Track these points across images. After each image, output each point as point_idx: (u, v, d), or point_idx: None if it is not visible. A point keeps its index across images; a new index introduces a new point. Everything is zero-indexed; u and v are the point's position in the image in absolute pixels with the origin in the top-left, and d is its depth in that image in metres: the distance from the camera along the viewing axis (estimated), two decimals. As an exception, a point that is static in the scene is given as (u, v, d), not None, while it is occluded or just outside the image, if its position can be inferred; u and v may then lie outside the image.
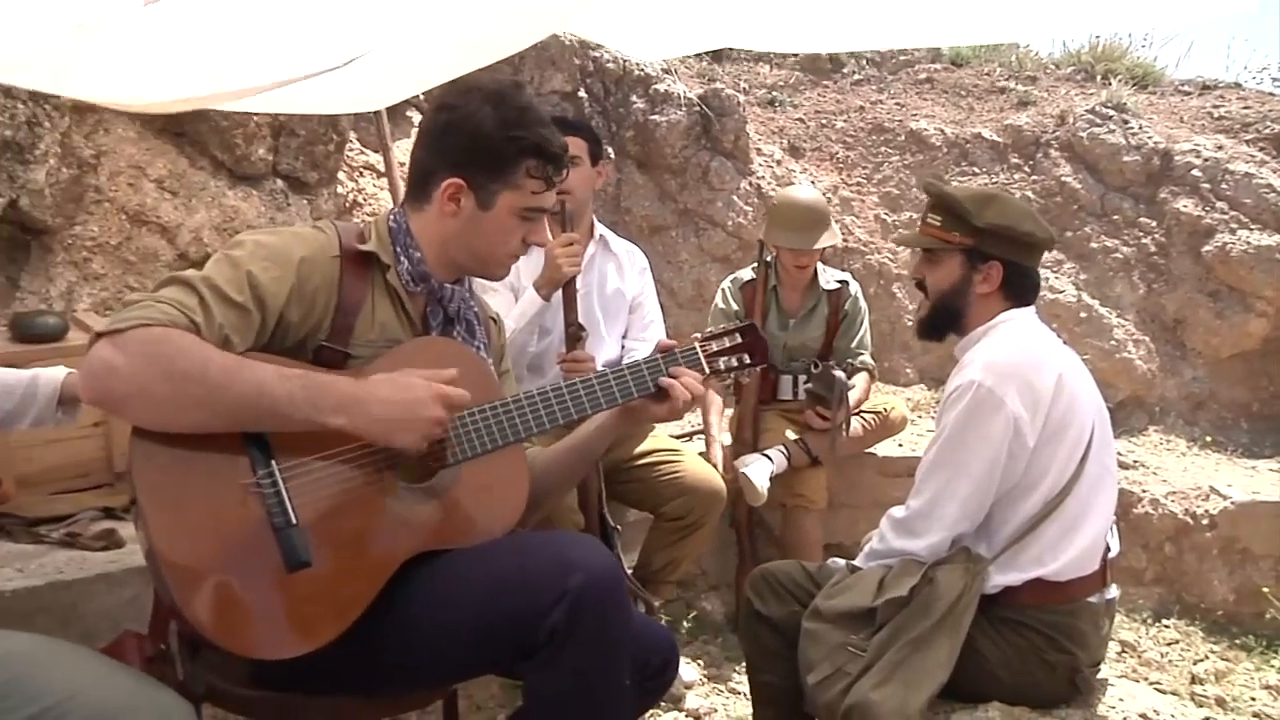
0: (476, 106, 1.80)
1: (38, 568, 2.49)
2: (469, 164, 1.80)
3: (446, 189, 1.81)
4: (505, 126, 1.79)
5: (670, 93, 5.09)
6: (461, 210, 1.82)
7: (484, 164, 1.80)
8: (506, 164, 1.80)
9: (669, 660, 1.94)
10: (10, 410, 1.92)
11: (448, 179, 1.81)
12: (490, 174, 1.80)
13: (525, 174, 1.81)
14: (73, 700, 1.41)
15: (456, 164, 1.81)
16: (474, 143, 1.79)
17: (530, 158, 1.81)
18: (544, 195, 1.85)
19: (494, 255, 1.88)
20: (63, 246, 3.65)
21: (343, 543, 1.65)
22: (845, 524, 3.86)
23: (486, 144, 1.79)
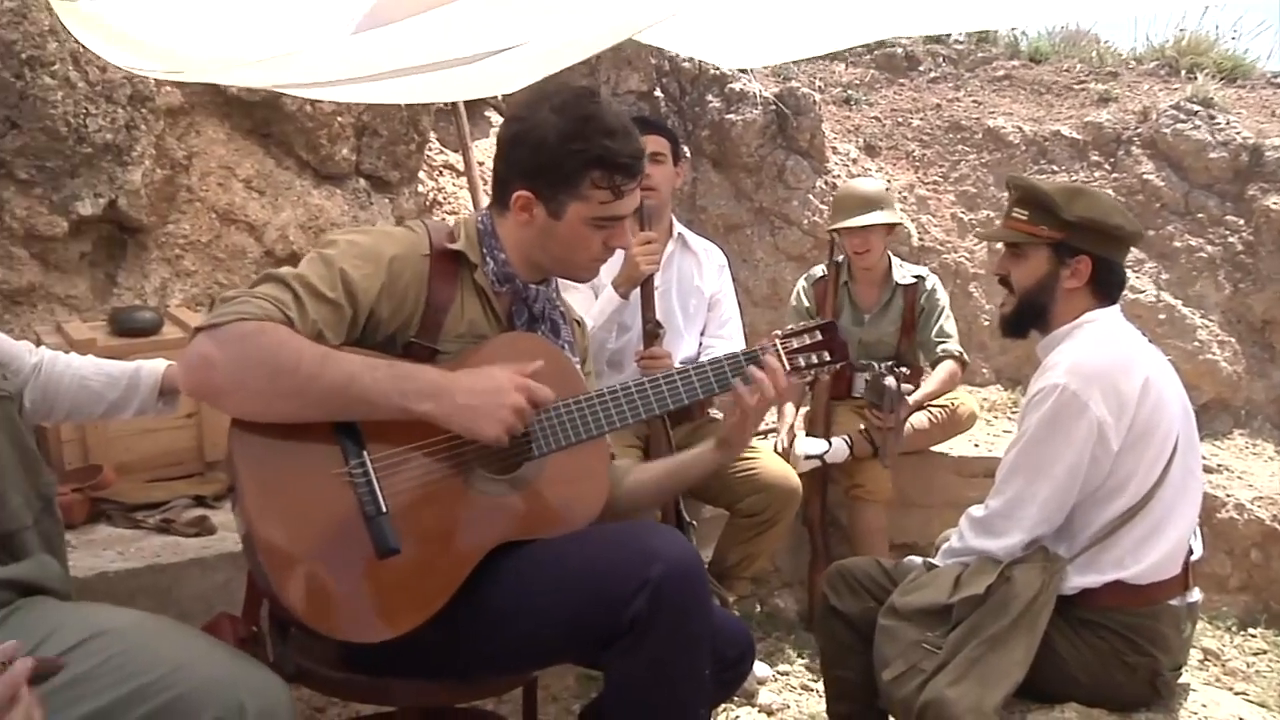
0: (543, 117, 1.81)
1: (136, 551, 2.60)
2: (536, 176, 1.82)
3: (518, 200, 1.84)
4: (567, 139, 1.79)
5: (746, 92, 5.10)
6: (535, 220, 1.85)
7: (549, 177, 1.81)
8: (570, 176, 1.81)
9: (745, 653, 1.96)
10: (115, 400, 2.01)
11: (518, 190, 1.84)
12: (555, 186, 1.82)
13: (590, 185, 1.81)
14: (178, 673, 1.48)
15: (524, 175, 1.83)
16: (538, 155, 1.81)
17: (594, 169, 1.80)
18: (614, 204, 1.84)
19: (574, 261, 1.91)
20: (157, 244, 3.78)
21: (430, 532, 1.70)
22: (918, 524, 3.84)
23: (550, 157, 1.80)
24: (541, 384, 1.75)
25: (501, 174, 1.89)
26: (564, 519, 1.81)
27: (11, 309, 3.50)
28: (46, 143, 3.47)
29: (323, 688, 1.88)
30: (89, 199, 3.57)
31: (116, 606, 1.77)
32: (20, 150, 3.44)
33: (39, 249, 3.56)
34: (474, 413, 1.68)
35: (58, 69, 3.48)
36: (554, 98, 1.84)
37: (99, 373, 2.01)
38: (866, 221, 3.57)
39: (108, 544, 2.64)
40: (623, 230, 1.89)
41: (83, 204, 3.56)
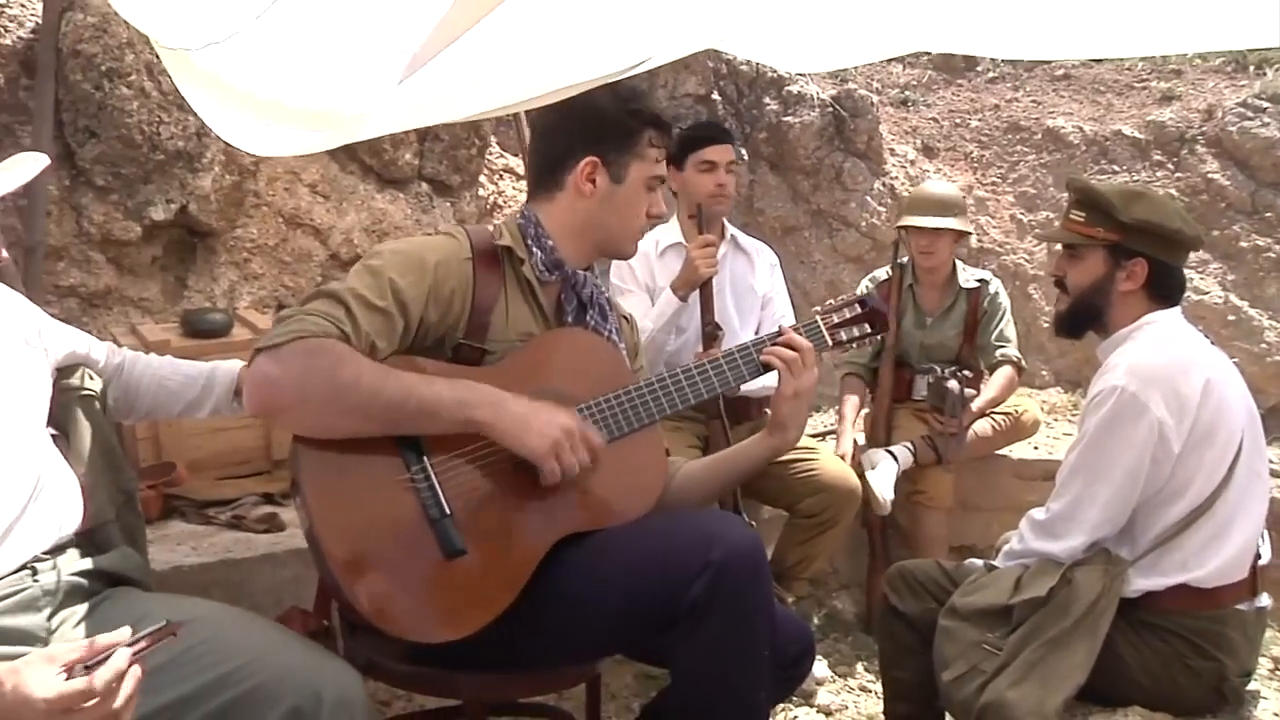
0: (592, 92, 1.89)
1: (209, 546, 2.68)
2: (600, 141, 1.92)
3: (584, 169, 1.91)
4: (624, 102, 1.92)
5: (803, 94, 5.10)
6: (597, 189, 1.92)
7: (613, 139, 1.92)
8: (631, 136, 1.93)
9: (806, 652, 1.98)
10: (192, 400, 2.08)
11: (583, 159, 1.91)
12: (619, 148, 1.92)
13: (648, 144, 1.95)
14: (258, 662, 1.53)
15: (588, 143, 1.92)
16: (601, 121, 1.91)
17: (650, 128, 1.95)
18: (662, 164, 1.98)
19: (628, 229, 1.98)
20: (225, 248, 3.88)
21: (493, 531, 1.75)
22: (978, 527, 3.82)
23: (613, 119, 1.92)
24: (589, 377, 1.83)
25: (555, 152, 1.96)
26: (622, 510, 1.84)
27: (89, 311, 3.61)
28: (122, 150, 3.58)
29: (391, 680, 1.92)
30: (161, 204, 3.68)
31: (196, 598, 1.84)
32: (98, 158, 3.54)
33: (114, 253, 3.67)
34: (526, 427, 1.72)
35: (134, 80, 3.58)
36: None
37: (176, 373, 2.08)
38: (939, 225, 3.56)
39: (181, 539, 2.72)
40: (660, 197, 2.01)
41: (155, 209, 3.67)
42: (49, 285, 3.51)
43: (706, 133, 3.31)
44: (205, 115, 2.65)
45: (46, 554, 1.70)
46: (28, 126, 3.48)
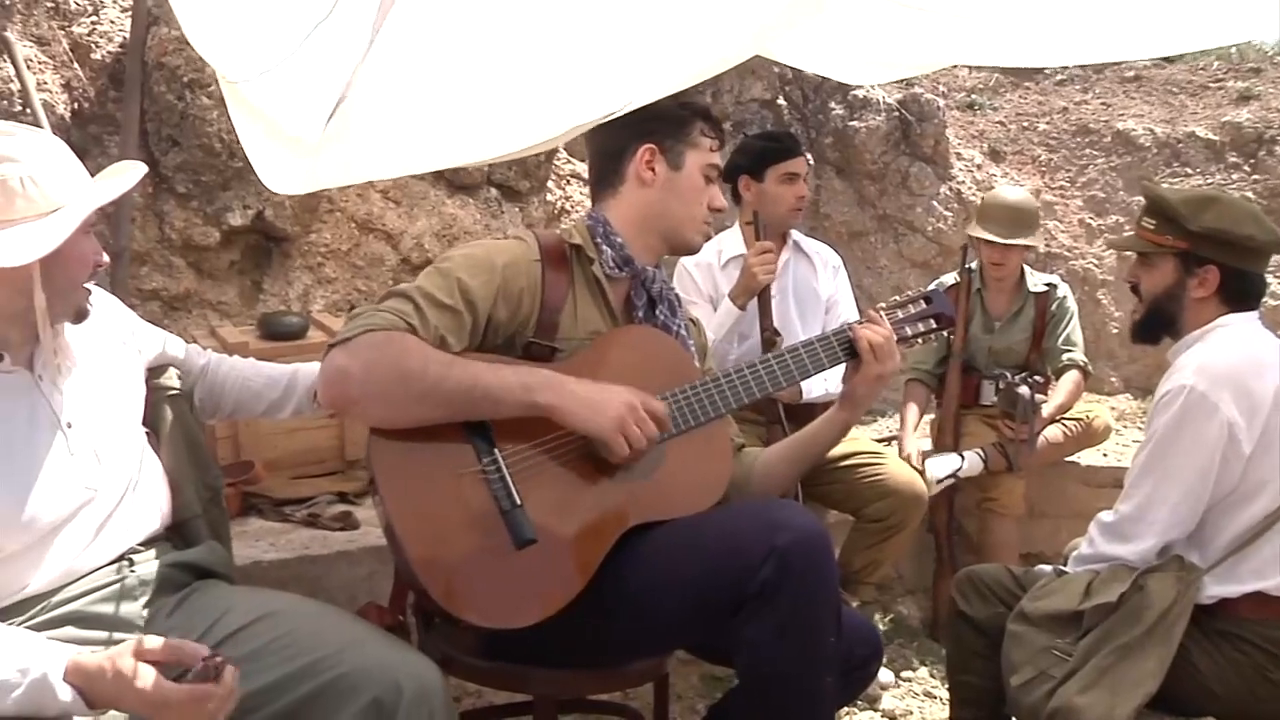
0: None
1: (286, 543, 2.75)
2: (655, 130, 1.99)
3: (643, 157, 1.98)
4: (674, 97, 1.95)
5: (869, 98, 5.10)
6: (658, 176, 1.99)
7: (667, 128, 1.99)
8: (684, 124, 2.01)
9: (874, 654, 1.99)
10: (274, 400, 2.14)
11: (641, 147, 1.98)
12: (674, 136, 2.00)
13: (700, 133, 2.01)
14: (341, 653, 1.58)
15: (645, 133, 1.99)
16: (655, 113, 1.96)
17: (700, 119, 2.02)
18: (717, 154, 2.03)
19: (692, 217, 2.02)
20: (300, 253, 3.98)
21: (564, 520, 1.79)
22: (1046, 533, 3.79)
23: (665, 112, 1.98)
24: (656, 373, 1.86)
25: (613, 147, 2.02)
26: (690, 501, 1.87)
27: (170, 314, 3.72)
28: (202, 159, 3.69)
29: (464, 675, 1.96)
30: (239, 210, 3.79)
31: (279, 591, 1.90)
32: (180, 166, 3.66)
33: (194, 258, 3.79)
34: (592, 408, 1.77)
35: (213, 90, 3.68)
36: None
37: (259, 374, 2.15)
38: (1012, 241, 3.54)
39: (259, 535, 2.80)
40: (719, 191, 2.06)
41: (233, 215, 3.77)
42: (133, 289, 3.63)
43: (787, 144, 3.32)
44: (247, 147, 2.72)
45: (140, 546, 1.78)
46: (115, 136, 3.61)
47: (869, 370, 1.96)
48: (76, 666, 1.40)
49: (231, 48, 2.49)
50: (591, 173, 2.10)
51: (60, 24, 3.76)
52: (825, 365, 1.97)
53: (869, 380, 1.97)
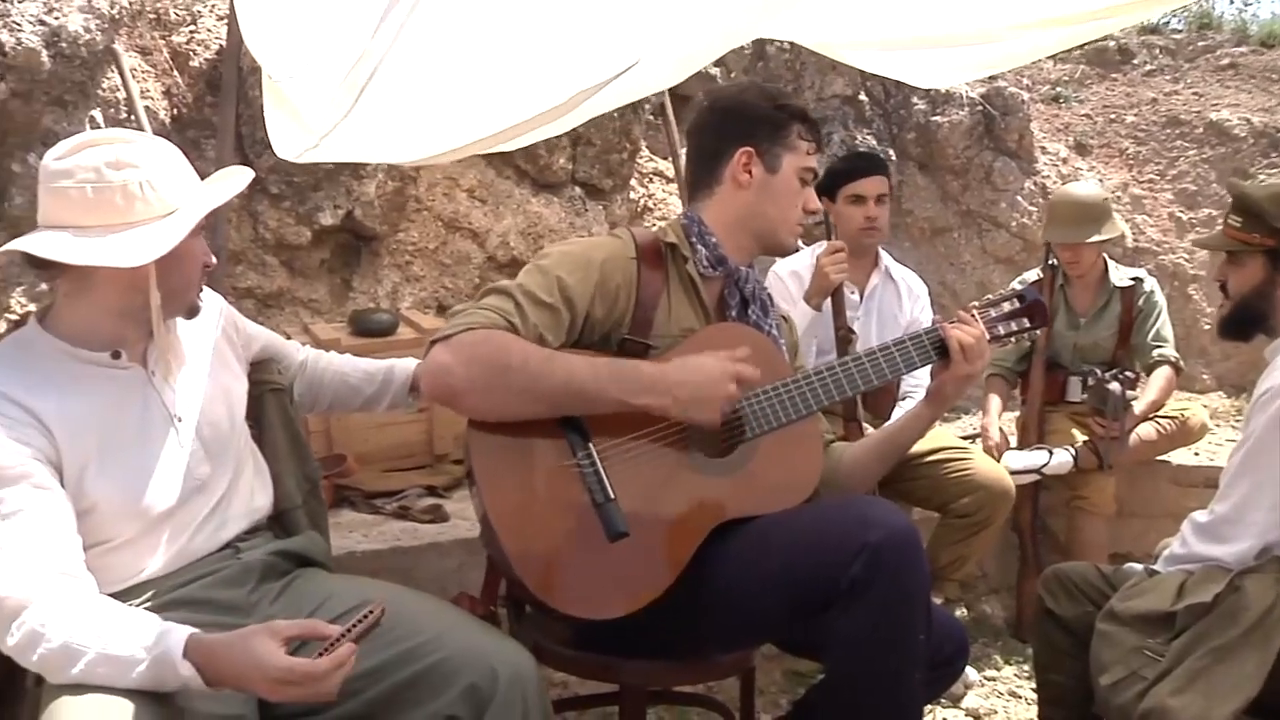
0: (740, 90, 2.08)
1: (378, 534, 2.83)
2: (753, 133, 2.00)
3: (740, 159, 1.99)
4: (772, 99, 2.02)
5: (952, 93, 5.05)
6: (754, 179, 2.00)
7: (764, 131, 2.00)
8: (782, 127, 2.01)
9: (960, 651, 1.99)
10: (371, 395, 2.21)
11: (738, 149, 1.99)
12: (771, 138, 2.00)
13: (797, 136, 2.01)
14: (440, 640, 1.64)
15: (742, 136, 2.00)
16: (753, 115, 1.99)
17: (798, 122, 2.02)
18: (814, 157, 2.04)
19: (786, 220, 2.04)
20: (388, 251, 4.07)
21: (655, 515, 1.82)
22: (1134, 533, 3.73)
23: (763, 114, 2.00)
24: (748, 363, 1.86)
25: (711, 149, 2.04)
26: (780, 496, 1.89)
27: (264, 311, 3.83)
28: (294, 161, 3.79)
29: (554, 664, 2.00)
30: (329, 210, 3.88)
31: (377, 580, 1.96)
32: (273, 168, 3.77)
33: (286, 256, 3.90)
34: (689, 399, 1.79)
35: (305, 92, 3.79)
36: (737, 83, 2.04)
37: (356, 370, 2.22)
38: (1080, 239, 3.50)
39: (352, 527, 2.88)
40: (814, 193, 2.07)
41: (324, 215, 3.87)
42: (229, 287, 3.74)
43: (855, 164, 3.34)
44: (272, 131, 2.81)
45: (245, 535, 1.85)
46: (212, 140, 3.72)
47: (958, 369, 1.96)
48: (197, 644, 1.47)
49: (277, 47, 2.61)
50: (688, 173, 2.12)
51: (161, 34, 3.90)
52: (916, 364, 1.98)
53: (957, 379, 1.98)
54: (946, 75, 3.54)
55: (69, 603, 1.51)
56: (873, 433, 2.16)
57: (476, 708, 1.61)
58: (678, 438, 1.86)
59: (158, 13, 3.90)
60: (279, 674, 1.43)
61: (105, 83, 3.53)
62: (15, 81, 3.25)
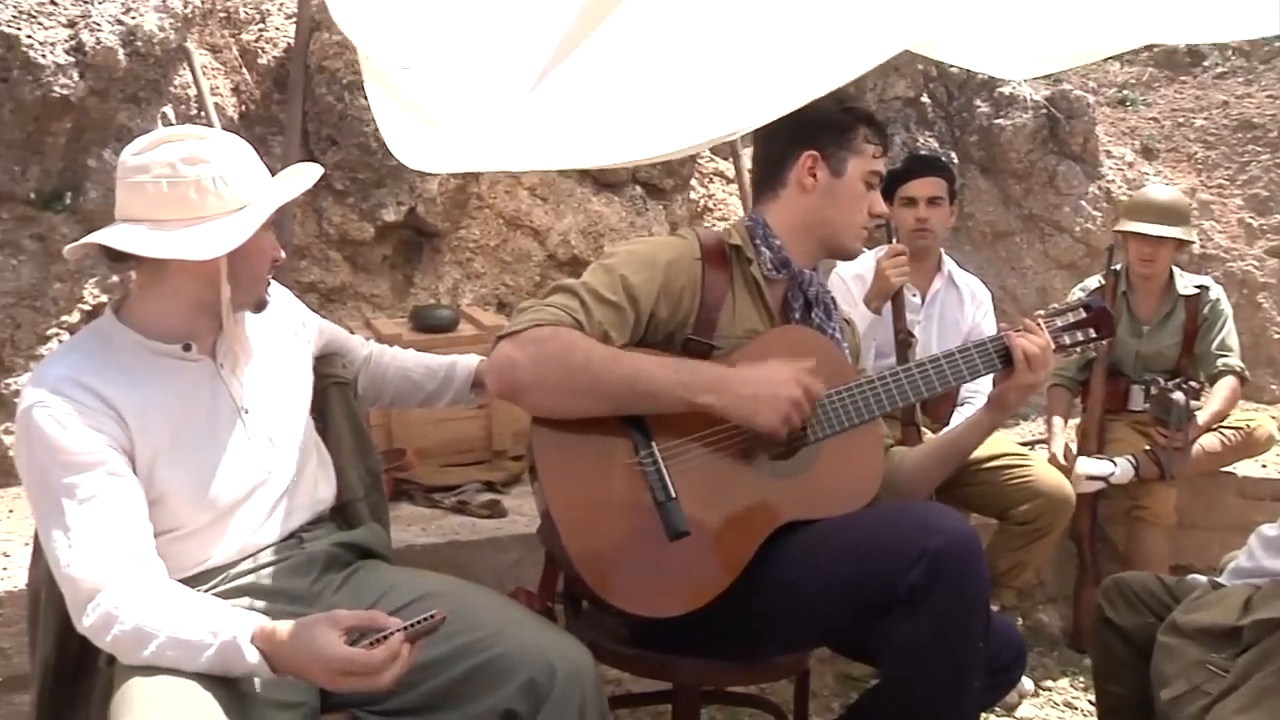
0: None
1: (436, 529, 2.86)
2: (818, 136, 2.00)
3: (804, 163, 2.00)
4: (838, 102, 2.01)
5: (1015, 95, 4.99)
6: (818, 182, 2.00)
7: (830, 134, 2.00)
8: (848, 131, 2.01)
9: (1017, 659, 1.97)
10: (433, 390, 2.23)
11: (803, 153, 2.00)
12: (837, 142, 2.00)
13: (864, 140, 2.02)
14: (499, 634, 1.66)
15: (807, 139, 2.01)
16: (819, 118, 1.99)
17: (864, 125, 2.03)
18: (880, 161, 2.04)
19: (850, 224, 2.04)
20: (449, 248, 4.11)
21: (716, 515, 1.83)
22: (1196, 545, 3.67)
23: (829, 117, 2.00)
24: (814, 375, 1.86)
25: (777, 151, 2.05)
26: (842, 500, 1.89)
27: (326, 306, 3.89)
28: (359, 157, 3.85)
29: (610, 661, 2.01)
30: (392, 206, 3.93)
31: (438, 573, 1.98)
32: (338, 165, 3.82)
33: (349, 252, 3.95)
34: (753, 403, 1.80)
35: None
36: None
37: (419, 365, 2.25)
38: (1163, 233, 3.44)
39: (411, 520, 2.91)
40: (879, 197, 2.07)
41: (387, 211, 3.92)
42: (292, 281, 3.80)
43: (908, 166, 3.35)
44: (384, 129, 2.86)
45: (309, 526, 1.88)
46: (279, 136, 3.79)
47: (1021, 379, 1.96)
48: (263, 632, 1.50)
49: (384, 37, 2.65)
50: (754, 175, 2.13)
51: (231, 32, 3.97)
52: (981, 371, 1.97)
53: (1020, 388, 1.97)
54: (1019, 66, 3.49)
55: (142, 587, 1.55)
56: (933, 438, 2.15)
57: (534, 703, 1.62)
58: (740, 439, 1.87)
59: (228, 11, 3.97)
60: (337, 664, 1.45)
61: (177, 80, 3.60)
62: (93, 79, 3.32)
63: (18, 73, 3.21)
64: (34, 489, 1.63)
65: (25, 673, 2.12)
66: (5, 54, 3.21)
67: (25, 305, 3.29)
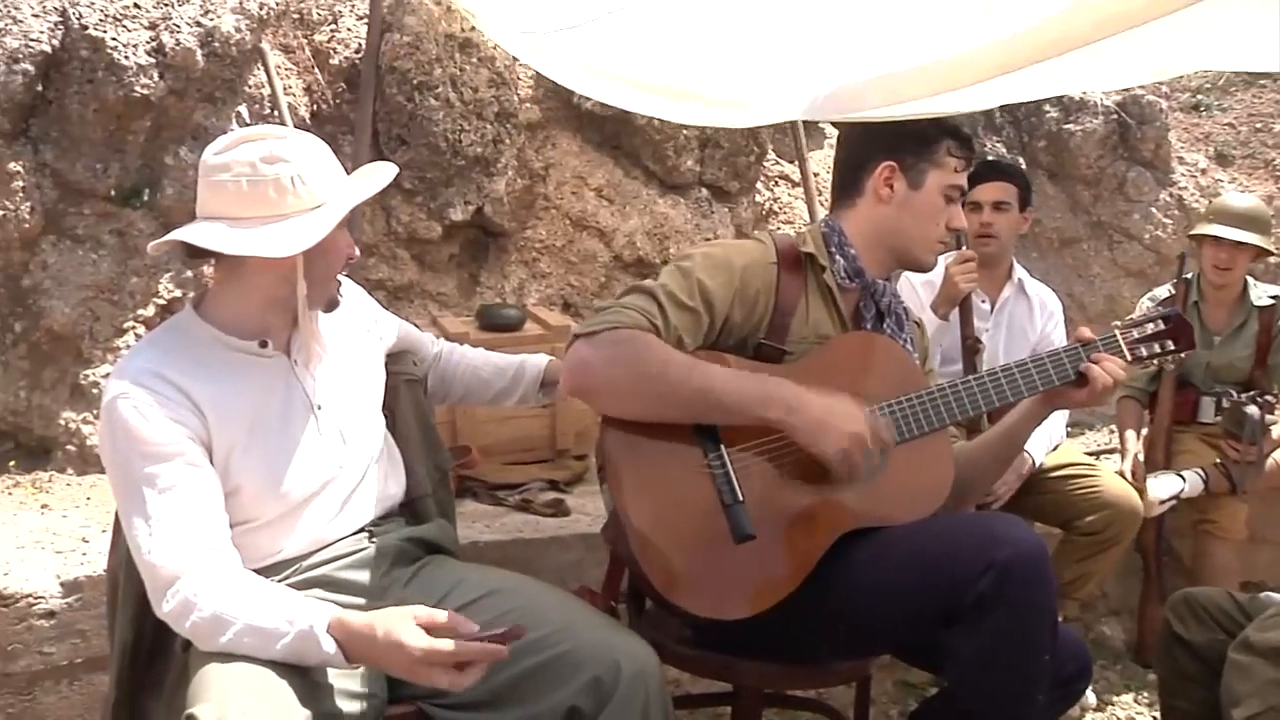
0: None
1: (501, 525, 2.89)
2: (899, 147, 1.98)
3: (881, 173, 1.98)
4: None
5: (1086, 101, 4.92)
6: (895, 193, 1.98)
7: (912, 145, 1.98)
8: (930, 143, 1.98)
9: (1082, 671, 1.95)
10: (501, 389, 2.26)
11: (882, 163, 1.98)
12: (918, 154, 1.98)
13: (946, 153, 1.98)
14: (566, 631, 1.68)
15: (887, 149, 1.99)
16: (900, 127, 1.98)
17: (949, 138, 1.99)
18: (962, 175, 2.00)
19: (926, 237, 2.01)
20: (516, 248, 4.15)
21: (783, 520, 1.83)
22: (1268, 561, 3.61)
23: (912, 127, 1.98)
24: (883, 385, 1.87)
25: (856, 159, 2.03)
26: (910, 508, 1.88)
27: (393, 304, 3.94)
28: (428, 157, 3.90)
29: (673, 661, 2.01)
30: (460, 206, 3.98)
31: (504, 570, 2.01)
32: (407, 164, 3.87)
33: (417, 250, 4.01)
34: (820, 429, 1.79)
35: (440, 91, 3.90)
36: None
37: (488, 363, 2.27)
38: (1244, 238, 3.38)
39: (475, 517, 2.95)
40: (960, 211, 2.04)
41: (454, 210, 3.97)
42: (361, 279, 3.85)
43: (974, 169, 3.28)
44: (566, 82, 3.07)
45: (378, 520, 1.91)
46: (349, 135, 3.85)
47: (1087, 400, 1.93)
48: (339, 622, 1.53)
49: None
50: (833, 180, 2.12)
51: (304, 33, 4.04)
52: (1055, 384, 1.94)
53: (1079, 404, 1.95)
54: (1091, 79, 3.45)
55: (219, 575, 1.59)
56: (985, 435, 2.11)
57: (598, 700, 1.63)
58: None
59: (301, 13, 4.04)
60: (421, 654, 1.47)
61: (251, 80, 3.67)
62: (172, 80, 3.41)
63: (102, 74, 3.30)
64: (117, 478, 1.67)
65: (104, 654, 2.21)
66: (91, 56, 3.31)
67: (104, 299, 3.39)
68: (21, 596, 2.41)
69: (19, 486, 3.15)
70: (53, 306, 3.31)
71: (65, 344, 3.35)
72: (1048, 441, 3.17)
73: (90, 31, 3.31)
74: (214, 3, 3.52)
